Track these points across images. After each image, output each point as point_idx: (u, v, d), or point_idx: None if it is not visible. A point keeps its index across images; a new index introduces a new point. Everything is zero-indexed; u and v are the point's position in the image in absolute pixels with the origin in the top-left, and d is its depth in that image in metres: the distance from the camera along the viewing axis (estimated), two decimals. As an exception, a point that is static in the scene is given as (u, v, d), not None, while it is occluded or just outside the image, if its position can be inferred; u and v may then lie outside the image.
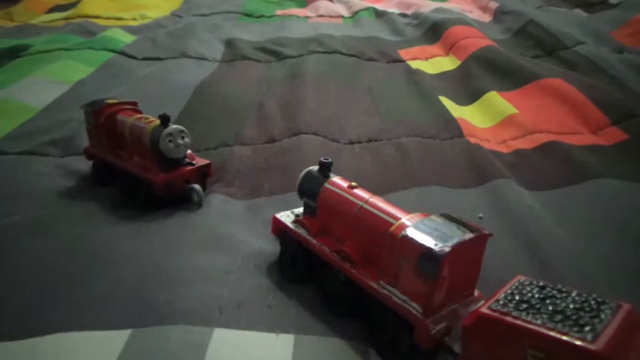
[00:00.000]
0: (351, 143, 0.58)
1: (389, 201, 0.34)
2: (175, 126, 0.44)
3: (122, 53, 0.89)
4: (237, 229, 0.42)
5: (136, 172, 0.45)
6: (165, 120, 0.44)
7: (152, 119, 0.46)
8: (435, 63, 0.90)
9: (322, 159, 0.37)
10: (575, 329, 0.22)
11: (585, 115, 0.62)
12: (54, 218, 0.42)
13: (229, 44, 0.99)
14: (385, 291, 0.31)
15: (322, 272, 0.35)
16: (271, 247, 0.40)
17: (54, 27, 1.13)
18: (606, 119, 0.61)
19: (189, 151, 0.46)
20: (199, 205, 0.45)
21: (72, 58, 0.84)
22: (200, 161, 0.47)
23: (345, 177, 0.36)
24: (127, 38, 0.99)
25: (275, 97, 0.71)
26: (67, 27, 1.08)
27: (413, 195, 0.47)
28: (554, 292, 0.25)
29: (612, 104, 0.63)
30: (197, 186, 0.45)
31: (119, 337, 0.29)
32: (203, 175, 0.47)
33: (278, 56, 0.92)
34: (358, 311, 0.33)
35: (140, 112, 0.50)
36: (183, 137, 0.45)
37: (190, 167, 0.46)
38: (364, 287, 0.32)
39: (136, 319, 0.31)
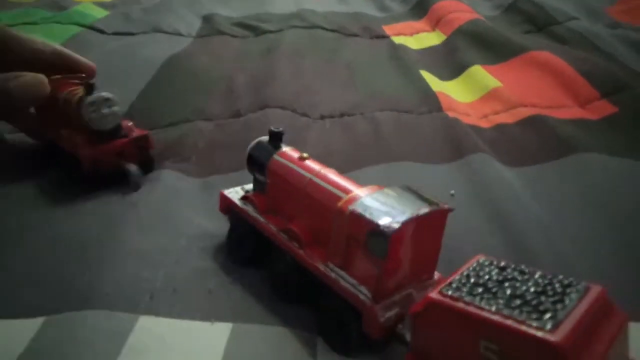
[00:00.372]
0: (322, 118, 0.54)
1: (357, 178, 0.30)
2: (98, 94, 0.39)
3: (90, 27, 0.85)
4: (185, 207, 0.38)
5: (67, 149, 0.41)
6: (89, 88, 0.39)
7: (81, 90, 0.41)
8: (420, 39, 0.85)
9: (272, 128, 0.33)
10: (533, 315, 0.18)
11: (574, 88, 0.58)
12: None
13: (207, 19, 0.94)
14: (332, 274, 0.27)
15: (270, 253, 0.31)
16: (221, 228, 0.36)
17: (26, 2, 1.08)
18: (595, 92, 0.57)
19: (130, 123, 0.42)
20: (137, 186, 0.40)
21: (37, 32, 0.79)
22: (138, 132, 0.42)
23: (312, 153, 0.32)
24: (99, 13, 0.95)
25: (246, 72, 0.67)
26: (39, 3, 1.03)
27: (381, 171, 0.43)
28: (515, 273, 0.21)
29: (602, 76, 0.59)
30: (132, 166, 0.40)
31: (29, 326, 0.26)
32: (141, 149, 0.42)
33: (256, 31, 0.87)
34: (307, 297, 0.30)
35: (89, 85, 0.45)
36: (110, 107, 0.40)
37: (122, 140, 0.41)
38: (311, 270, 0.28)
39: (51, 304, 0.27)
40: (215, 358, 0.25)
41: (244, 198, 0.34)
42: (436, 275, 0.28)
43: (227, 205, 0.35)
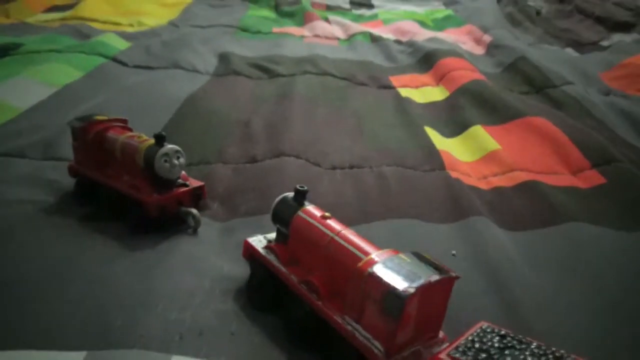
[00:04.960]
0: (333, 168, 0.58)
1: (365, 233, 0.34)
2: (171, 146, 0.43)
3: (114, 59, 0.89)
4: (208, 250, 0.41)
5: (127, 192, 0.44)
6: (160, 139, 0.43)
7: (145, 137, 0.45)
8: (424, 92, 0.90)
9: (297, 187, 0.37)
10: (530, 384, 0.21)
11: (566, 156, 0.63)
12: (22, 230, 0.41)
13: (223, 57, 0.99)
14: (349, 327, 0.30)
15: (289, 301, 0.35)
16: (241, 270, 0.39)
17: (49, 27, 1.12)
18: (586, 161, 0.61)
19: (182, 172, 0.46)
20: (195, 230, 0.44)
21: (62, 61, 0.83)
22: (193, 182, 0.46)
23: (323, 203, 0.36)
24: (121, 44, 0.99)
25: (261, 116, 0.71)
26: (63, 29, 1.08)
27: (388, 227, 0.47)
28: (514, 342, 0.25)
29: (593, 147, 0.63)
30: (194, 211, 0.44)
31: (73, 358, 0.29)
32: (196, 197, 0.46)
33: (270, 74, 0.92)
34: (321, 344, 0.33)
35: (130, 129, 0.49)
36: (178, 157, 0.44)
37: (184, 189, 0.45)
38: (328, 321, 0.31)
39: (92, 340, 0.30)
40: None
41: (267, 247, 0.37)
42: (440, 334, 0.31)
43: (250, 253, 0.38)
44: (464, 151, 0.66)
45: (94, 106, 0.69)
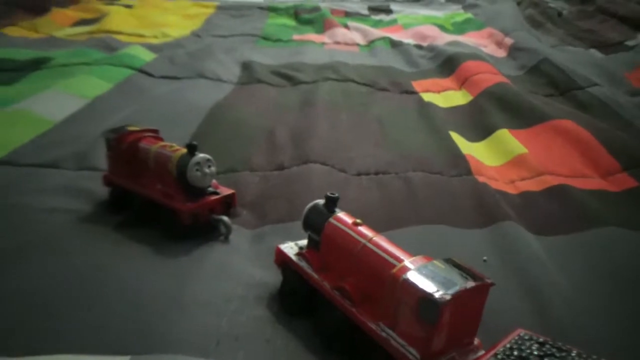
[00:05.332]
0: (359, 174, 0.58)
1: (393, 239, 0.34)
2: (202, 155, 0.44)
3: (141, 71, 0.91)
4: (240, 257, 0.42)
5: (160, 201, 0.45)
6: (192, 148, 0.44)
7: (176, 147, 0.46)
8: (447, 96, 0.90)
9: (328, 194, 0.37)
10: (572, 391, 0.21)
11: (596, 159, 0.62)
12: (62, 239, 0.43)
13: (246, 66, 1.01)
14: (383, 334, 0.30)
15: (322, 307, 0.35)
16: (273, 277, 0.40)
17: (77, 40, 1.15)
18: (617, 164, 0.60)
19: (213, 180, 0.47)
20: (227, 237, 0.45)
21: (91, 73, 0.86)
22: (224, 190, 0.47)
23: (350, 209, 0.37)
24: (147, 56, 1.02)
25: (286, 123, 0.71)
26: (90, 42, 1.11)
27: (417, 233, 0.47)
28: (554, 350, 0.24)
29: (623, 149, 0.62)
30: (226, 218, 0.45)
31: (117, 363, 0.30)
32: (227, 204, 0.47)
33: (292, 81, 0.93)
34: (355, 351, 0.33)
35: (161, 139, 0.50)
36: (209, 166, 0.45)
37: (215, 197, 0.46)
38: (362, 327, 0.32)
39: (135, 345, 0.31)
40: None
41: (299, 254, 0.38)
42: (475, 340, 0.31)
43: (282, 260, 0.38)
44: (490, 155, 0.66)
45: (124, 117, 0.71)
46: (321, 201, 0.38)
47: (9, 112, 0.68)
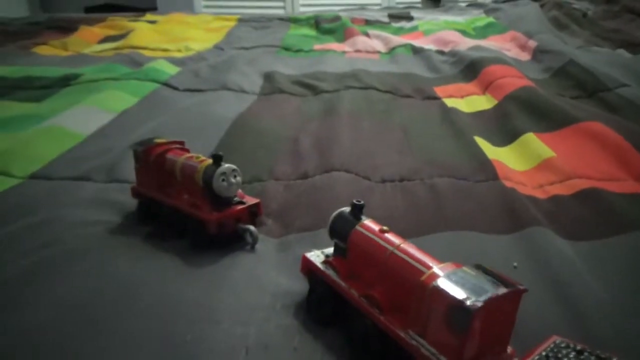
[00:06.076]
0: (383, 182, 0.58)
1: (420, 245, 0.34)
2: (228, 165, 0.45)
3: (166, 84, 0.93)
4: (266, 266, 0.42)
5: (187, 211, 0.45)
6: (217, 159, 0.45)
7: (202, 157, 0.47)
8: (471, 101, 0.89)
9: (354, 201, 0.37)
10: (613, 401, 0.21)
11: (628, 161, 0.60)
12: (92, 250, 0.44)
13: (268, 77, 1.02)
14: (413, 341, 0.30)
15: (350, 315, 0.35)
16: (299, 285, 0.40)
17: (104, 57, 1.19)
18: (650, 166, 0.59)
19: (239, 190, 0.47)
20: (253, 246, 0.45)
21: (118, 88, 0.88)
22: (250, 200, 0.48)
23: (376, 217, 0.36)
24: (172, 69, 1.04)
25: (309, 132, 0.72)
26: (116, 57, 1.14)
27: (445, 239, 0.46)
28: (592, 358, 0.24)
29: (656, 150, 0.61)
30: (252, 227, 0.45)
31: (147, 373, 0.30)
32: (252, 214, 0.48)
33: (314, 90, 0.93)
34: (384, 359, 0.32)
35: (187, 150, 0.51)
36: (235, 176, 0.45)
37: (241, 206, 0.46)
38: (391, 335, 0.31)
39: (166, 355, 0.31)
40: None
41: (325, 262, 0.37)
42: (509, 349, 0.31)
43: (308, 268, 0.38)
44: (516, 160, 0.64)
45: (150, 130, 0.72)
46: (347, 209, 0.38)
47: (44, 128, 0.71)
